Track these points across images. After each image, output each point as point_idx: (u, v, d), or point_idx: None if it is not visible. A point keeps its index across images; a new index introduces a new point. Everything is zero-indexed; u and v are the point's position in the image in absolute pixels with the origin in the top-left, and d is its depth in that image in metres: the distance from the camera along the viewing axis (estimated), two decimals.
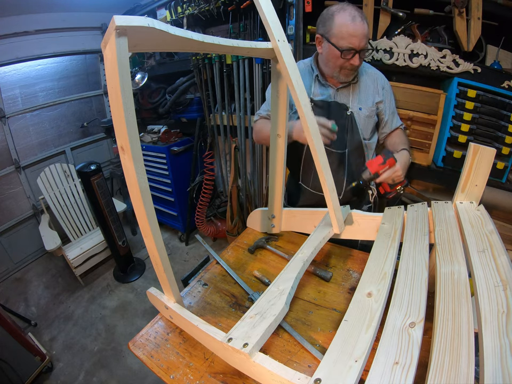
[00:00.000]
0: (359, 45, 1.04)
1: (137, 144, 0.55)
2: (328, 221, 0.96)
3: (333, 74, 1.15)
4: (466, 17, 1.50)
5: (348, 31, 1.02)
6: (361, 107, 1.21)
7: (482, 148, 0.82)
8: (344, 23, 1.02)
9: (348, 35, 1.03)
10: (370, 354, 0.51)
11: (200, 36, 0.61)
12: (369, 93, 1.22)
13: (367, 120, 1.23)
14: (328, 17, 1.07)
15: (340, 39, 1.04)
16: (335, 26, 1.04)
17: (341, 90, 1.21)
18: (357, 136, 1.23)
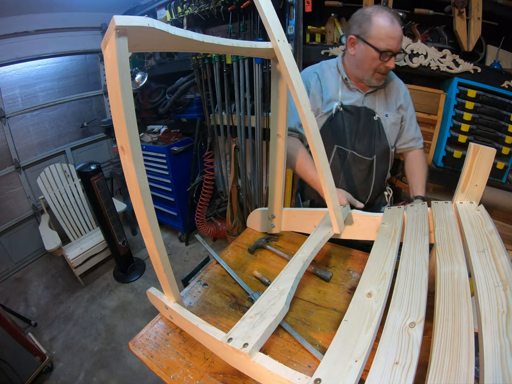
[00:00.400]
0: (396, 47, 1.02)
1: (137, 144, 0.55)
2: (328, 221, 0.96)
3: (365, 77, 1.13)
4: (466, 17, 1.50)
5: (387, 32, 1.00)
6: (388, 114, 1.19)
7: (482, 147, 0.82)
8: (383, 24, 1.01)
9: (387, 37, 1.01)
10: (370, 354, 0.51)
11: (200, 36, 0.61)
12: (393, 100, 1.21)
13: (393, 127, 1.21)
14: (365, 18, 1.04)
15: (378, 41, 1.02)
16: (374, 28, 1.02)
17: (369, 95, 1.18)
18: (384, 142, 1.21)
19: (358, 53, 1.10)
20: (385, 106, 1.19)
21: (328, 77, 1.21)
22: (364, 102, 1.18)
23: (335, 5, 1.70)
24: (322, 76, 1.21)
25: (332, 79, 1.20)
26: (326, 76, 1.21)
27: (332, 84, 1.20)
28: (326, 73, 1.22)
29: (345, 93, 1.19)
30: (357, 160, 1.21)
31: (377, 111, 1.18)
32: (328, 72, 1.22)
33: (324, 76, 1.21)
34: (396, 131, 1.23)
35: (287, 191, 2.21)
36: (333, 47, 1.74)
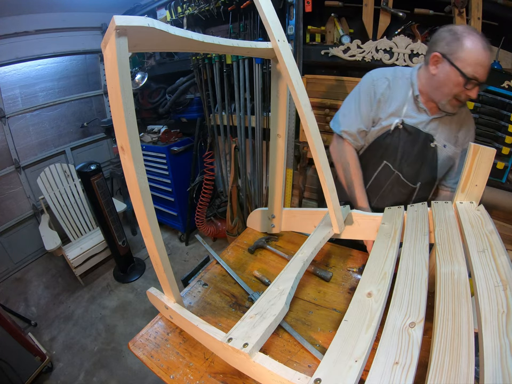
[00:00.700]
0: (484, 77, 0.92)
1: (137, 144, 0.55)
2: (328, 221, 0.97)
3: (441, 101, 1.02)
4: (466, 17, 1.50)
5: (477, 59, 0.90)
6: (446, 144, 1.09)
7: (482, 147, 0.82)
8: (475, 48, 0.90)
9: (476, 63, 0.90)
10: (370, 354, 0.51)
11: (200, 36, 0.61)
12: (456, 131, 1.10)
13: (446, 160, 1.12)
14: (455, 37, 0.93)
15: (466, 65, 0.91)
16: (464, 50, 0.91)
17: (434, 120, 1.07)
18: (433, 172, 1.14)
19: (440, 73, 0.98)
20: (447, 136, 1.09)
21: (399, 87, 1.10)
22: (427, 126, 1.08)
23: (335, 5, 1.70)
24: (394, 84, 1.10)
25: (402, 90, 1.09)
26: (397, 85, 1.10)
27: (400, 96, 1.09)
28: (397, 82, 1.10)
29: (411, 111, 1.08)
30: (400, 183, 1.15)
31: (437, 139, 1.08)
32: (400, 82, 1.10)
33: (395, 84, 1.10)
34: (448, 165, 1.14)
35: (287, 191, 2.21)
36: (333, 47, 1.74)
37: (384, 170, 1.15)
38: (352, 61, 1.72)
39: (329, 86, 1.87)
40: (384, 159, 1.14)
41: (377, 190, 1.18)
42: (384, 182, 1.16)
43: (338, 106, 1.86)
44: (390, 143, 1.11)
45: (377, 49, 1.64)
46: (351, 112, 1.15)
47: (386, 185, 1.16)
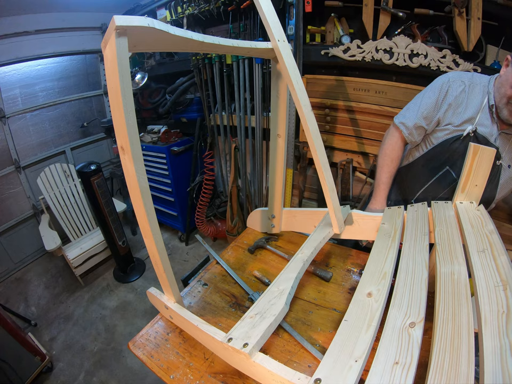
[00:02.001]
0: None
1: (137, 144, 0.55)
2: (328, 221, 0.96)
3: (499, 104, 0.98)
4: (466, 17, 1.50)
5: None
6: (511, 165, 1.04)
7: (482, 147, 0.82)
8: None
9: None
10: (370, 354, 0.51)
11: (200, 36, 0.61)
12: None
13: (509, 181, 1.06)
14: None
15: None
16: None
17: (503, 135, 1.02)
18: (493, 191, 1.08)
19: (504, 74, 0.97)
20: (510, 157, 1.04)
21: (475, 93, 1.05)
22: (496, 140, 1.02)
23: (335, 5, 1.70)
24: (470, 89, 1.05)
25: (478, 97, 1.04)
26: (475, 91, 1.05)
27: (476, 103, 1.04)
28: (474, 88, 1.05)
29: (484, 120, 1.03)
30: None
31: (503, 157, 1.03)
32: (478, 89, 1.05)
33: (472, 89, 1.05)
34: (509, 187, 1.09)
35: (287, 191, 2.22)
36: (333, 47, 1.74)
37: (444, 176, 1.10)
38: (352, 61, 1.72)
39: (329, 86, 1.87)
40: (447, 164, 1.08)
41: (432, 194, 1.13)
42: (442, 188, 1.11)
43: (339, 106, 1.88)
44: (457, 149, 1.05)
45: (377, 49, 1.64)
46: (415, 106, 1.12)
47: (444, 192, 1.10)
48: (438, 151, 1.10)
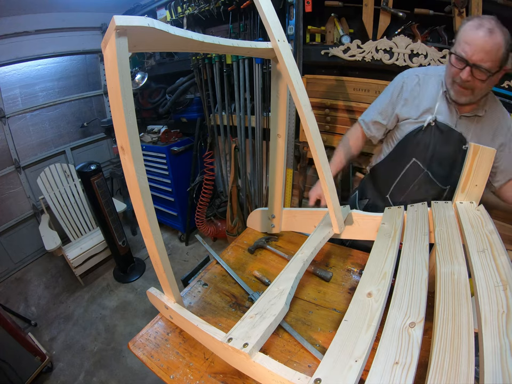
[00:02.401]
0: (471, 56, 0.89)
1: (137, 144, 0.55)
2: (328, 221, 0.96)
3: (448, 86, 1.01)
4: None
5: (465, 37, 0.91)
6: None
7: (482, 147, 0.82)
8: (467, 28, 0.91)
9: (463, 41, 0.91)
10: (370, 354, 0.51)
11: (200, 36, 0.61)
12: (490, 134, 1.05)
13: None
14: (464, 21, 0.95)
15: (457, 44, 0.94)
16: (461, 30, 0.94)
17: (464, 119, 1.04)
18: None
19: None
20: (479, 139, 1.04)
21: (431, 84, 1.09)
22: (457, 125, 1.05)
23: (335, 5, 1.70)
24: (424, 81, 1.10)
25: (434, 87, 1.08)
26: (429, 82, 1.09)
27: (433, 93, 1.08)
28: (429, 79, 1.10)
29: (442, 108, 1.06)
30: (429, 182, 1.12)
31: (469, 140, 1.04)
32: (433, 79, 1.09)
33: (425, 81, 1.10)
34: None
35: (287, 191, 2.22)
36: (333, 47, 1.74)
37: (412, 168, 1.13)
38: (352, 61, 1.72)
39: (329, 86, 1.87)
40: (413, 156, 1.12)
41: (404, 187, 1.16)
42: (411, 180, 1.14)
43: (339, 106, 1.88)
44: (421, 140, 1.09)
45: (377, 49, 1.64)
46: (373, 104, 1.22)
47: (414, 184, 1.14)
48: (403, 145, 1.14)
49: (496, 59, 0.88)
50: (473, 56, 0.89)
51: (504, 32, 0.88)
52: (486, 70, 0.89)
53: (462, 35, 0.92)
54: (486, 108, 1.03)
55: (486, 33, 0.87)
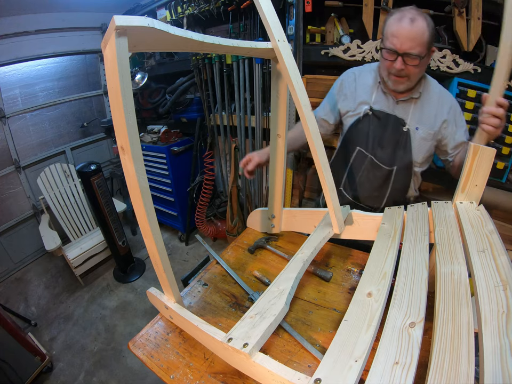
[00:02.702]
0: (400, 47, 0.96)
1: (137, 144, 0.55)
2: (328, 221, 0.96)
3: (385, 79, 1.09)
4: (466, 17, 1.50)
5: (391, 30, 0.97)
6: (419, 127, 1.11)
7: (482, 147, 0.82)
8: (391, 22, 0.99)
9: (391, 35, 0.98)
10: (370, 354, 0.51)
11: (200, 36, 0.61)
12: (432, 115, 1.11)
13: (422, 142, 1.13)
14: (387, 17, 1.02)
15: (385, 39, 1.01)
16: (385, 26, 1.02)
17: (401, 103, 1.12)
18: (408, 155, 1.15)
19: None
20: (419, 119, 1.11)
21: (366, 78, 1.19)
22: (394, 110, 1.13)
23: (335, 5, 1.70)
24: (360, 76, 1.20)
25: (369, 81, 1.17)
26: (364, 77, 1.19)
27: (368, 86, 1.17)
28: (364, 74, 1.19)
29: (379, 97, 1.15)
30: (375, 166, 1.18)
31: (408, 122, 1.11)
32: (368, 74, 1.19)
33: (361, 76, 1.20)
34: (425, 146, 1.14)
35: (287, 191, 2.21)
36: (333, 47, 1.74)
37: (358, 156, 1.21)
38: (352, 61, 1.72)
39: (329, 86, 1.84)
40: (357, 145, 1.20)
41: (354, 176, 1.24)
42: (359, 168, 1.21)
43: None
44: (361, 128, 1.18)
45: (377, 49, 1.64)
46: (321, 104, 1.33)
47: (362, 171, 1.21)
48: (348, 136, 1.23)
49: (423, 43, 0.95)
50: (403, 46, 0.96)
51: (425, 18, 0.95)
52: (417, 56, 0.96)
53: (388, 29, 0.99)
54: (420, 89, 1.09)
55: (409, 22, 0.94)
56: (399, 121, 1.12)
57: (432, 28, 0.96)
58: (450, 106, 1.11)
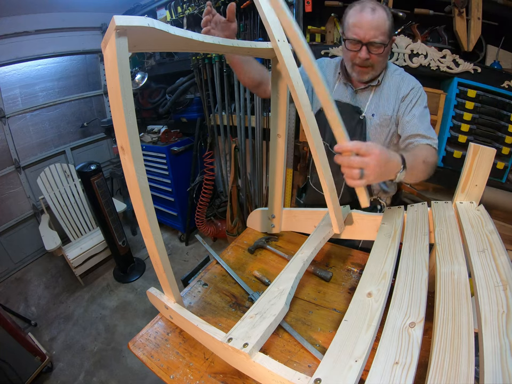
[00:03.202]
0: (364, 36, 0.97)
1: (137, 144, 0.55)
2: (328, 221, 0.96)
3: (349, 70, 1.10)
4: (466, 17, 1.50)
5: (353, 21, 0.98)
6: (375, 113, 1.11)
7: (482, 147, 0.82)
8: (351, 13, 0.99)
9: (353, 25, 0.98)
10: (370, 354, 0.51)
11: (200, 36, 0.61)
12: (390, 99, 1.09)
13: (378, 129, 1.11)
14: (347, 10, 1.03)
15: (347, 31, 1.01)
16: (345, 18, 1.02)
17: (360, 92, 1.13)
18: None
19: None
20: (376, 106, 1.11)
21: (329, 71, 1.20)
22: (353, 99, 1.14)
23: (335, 5, 1.70)
24: (325, 70, 1.21)
25: (331, 74, 1.20)
26: (328, 70, 1.21)
27: (330, 79, 1.19)
28: (329, 67, 1.21)
29: (339, 88, 1.17)
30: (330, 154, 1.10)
31: (366, 110, 1.11)
32: (332, 67, 1.21)
33: (325, 69, 1.21)
34: (382, 133, 1.12)
35: (287, 191, 2.21)
36: (333, 47, 1.74)
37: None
38: None
39: None
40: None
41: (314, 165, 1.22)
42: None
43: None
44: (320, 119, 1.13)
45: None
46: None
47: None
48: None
49: (385, 31, 0.97)
50: (366, 35, 0.97)
51: (384, 8, 0.97)
52: (381, 44, 0.98)
53: (350, 20, 1.00)
54: (379, 78, 1.09)
55: (370, 12, 0.95)
56: (354, 109, 1.13)
57: (391, 17, 0.99)
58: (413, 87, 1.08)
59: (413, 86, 1.08)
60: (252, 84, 1.19)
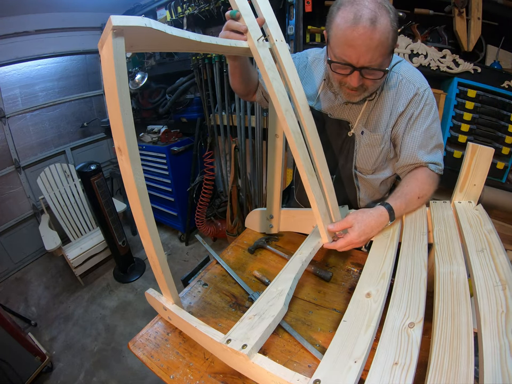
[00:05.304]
0: (357, 60, 0.71)
1: (134, 145, 0.54)
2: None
3: (336, 90, 0.88)
4: (466, 17, 1.50)
5: (344, 36, 0.70)
6: (364, 130, 0.92)
7: (481, 147, 0.82)
8: (342, 24, 0.70)
9: (344, 43, 0.71)
10: (370, 355, 0.51)
11: (197, 36, 0.61)
12: (384, 113, 0.89)
13: (367, 149, 0.94)
14: (333, 9, 0.77)
15: (334, 46, 0.75)
16: (333, 26, 0.74)
17: (351, 105, 0.93)
18: (349, 164, 0.98)
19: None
20: (366, 121, 0.92)
21: (316, 69, 0.98)
22: (340, 111, 0.94)
23: None
24: (314, 65, 0.99)
25: (319, 73, 0.98)
26: (315, 66, 0.99)
27: (317, 78, 0.98)
28: (317, 63, 0.99)
29: (324, 94, 0.96)
30: None
31: (355, 125, 0.92)
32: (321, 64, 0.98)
33: (313, 65, 0.99)
34: (372, 153, 0.95)
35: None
36: None
37: None
38: None
39: None
40: None
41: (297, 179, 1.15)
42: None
43: None
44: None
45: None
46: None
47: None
48: None
49: (387, 50, 0.71)
50: (360, 60, 0.71)
51: (386, 12, 0.68)
52: (378, 68, 0.73)
53: (338, 33, 0.72)
54: (378, 90, 0.88)
55: (368, 26, 0.66)
56: (343, 124, 0.94)
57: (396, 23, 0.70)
58: (416, 93, 0.86)
59: (415, 91, 0.86)
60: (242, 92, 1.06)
